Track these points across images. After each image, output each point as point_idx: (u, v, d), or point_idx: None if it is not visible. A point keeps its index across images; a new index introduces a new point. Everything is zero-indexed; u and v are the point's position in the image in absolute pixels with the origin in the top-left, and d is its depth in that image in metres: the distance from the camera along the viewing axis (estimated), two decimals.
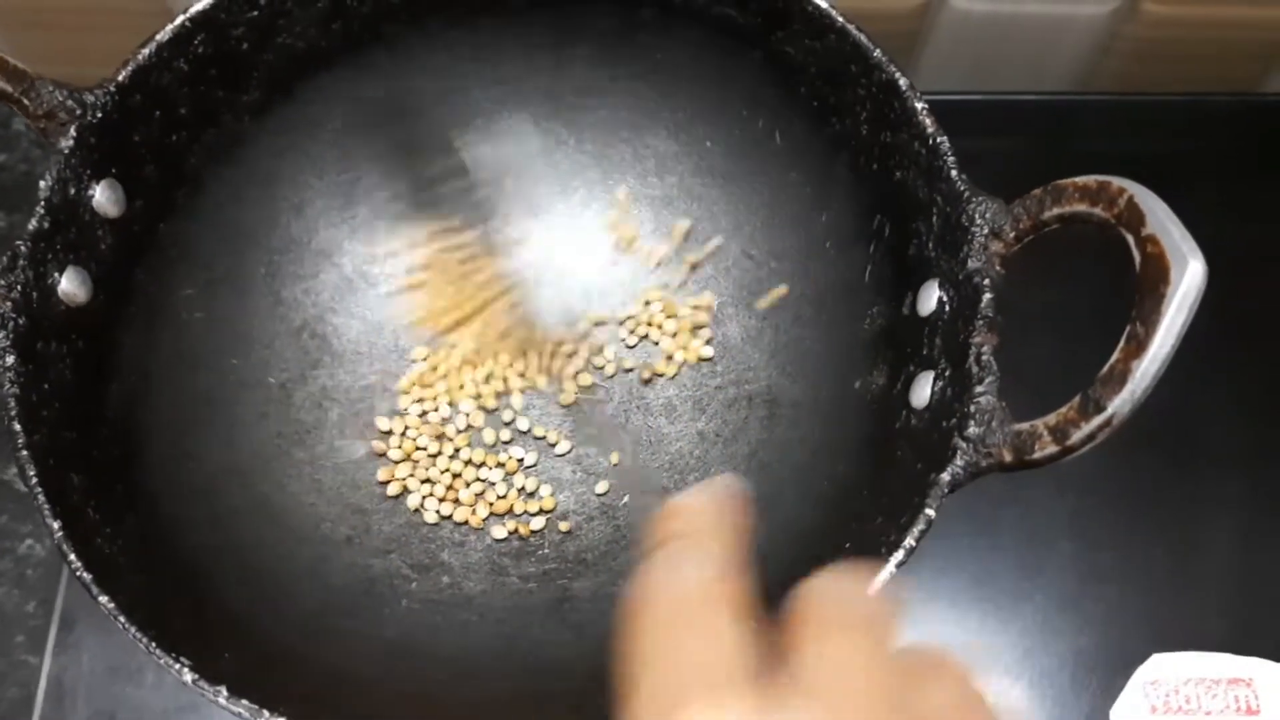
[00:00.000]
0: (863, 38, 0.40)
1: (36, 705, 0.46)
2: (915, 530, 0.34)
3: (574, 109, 0.48)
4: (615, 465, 0.46)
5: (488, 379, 0.47)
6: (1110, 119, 0.59)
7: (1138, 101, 0.59)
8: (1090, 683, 0.46)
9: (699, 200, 0.48)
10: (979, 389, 0.35)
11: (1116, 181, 0.34)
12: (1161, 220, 0.32)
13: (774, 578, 0.39)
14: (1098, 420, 0.32)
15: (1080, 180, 0.35)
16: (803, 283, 0.46)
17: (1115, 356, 0.32)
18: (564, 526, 0.45)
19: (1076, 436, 0.32)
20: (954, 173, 0.38)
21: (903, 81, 0.39)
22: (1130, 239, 0.33)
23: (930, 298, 0.38)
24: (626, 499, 0.45)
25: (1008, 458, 0.34)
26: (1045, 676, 0.47)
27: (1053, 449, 0.33)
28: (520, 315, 0.47)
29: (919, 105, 0.39)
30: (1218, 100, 0.59)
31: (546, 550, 0.44)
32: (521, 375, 0.47)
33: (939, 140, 0.38)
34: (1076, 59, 0.59)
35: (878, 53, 0.40)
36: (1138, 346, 0.31)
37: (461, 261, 0.46)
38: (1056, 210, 0.36)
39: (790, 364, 0.45)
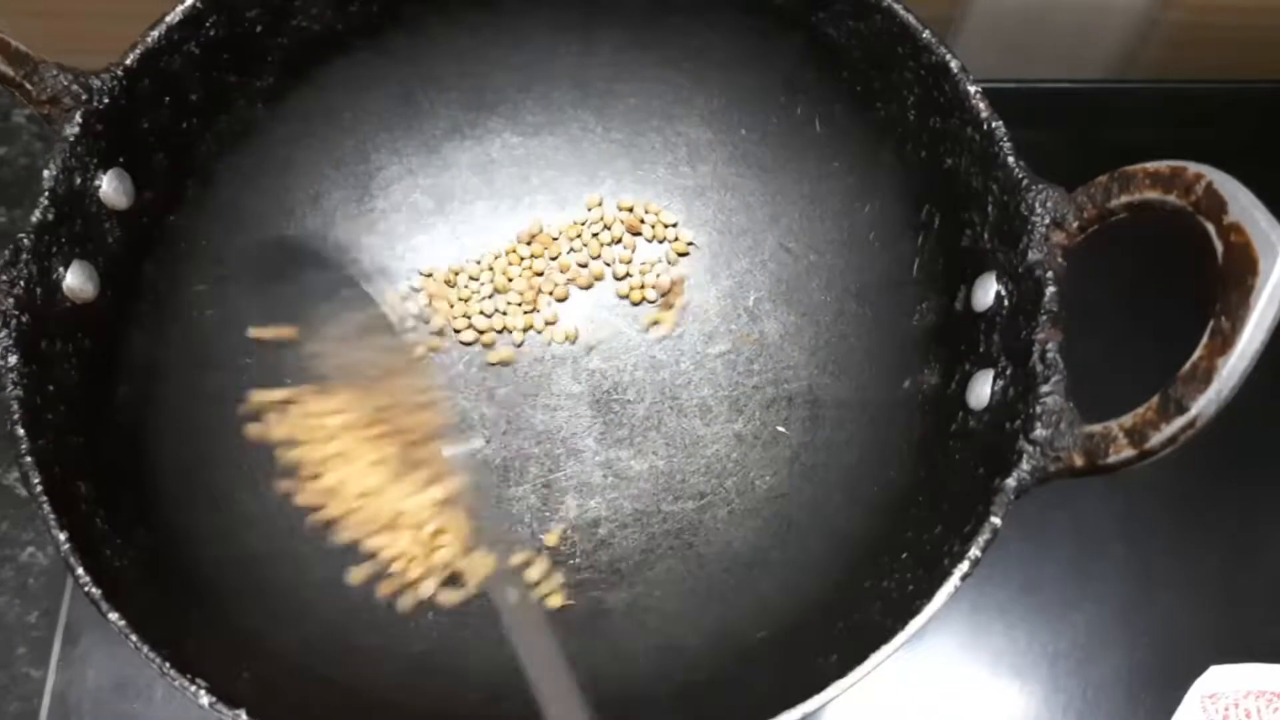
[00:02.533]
0: (911, 18, 0.38)
1: None
2: (980, 540, 0.32)
3: (602, 95, 0.46)
4: (648, 469, 0.44)
5: None
6: (1149, 107, 0.57)
7: (1177, 89, 0.57)
8: (1145, 697, 0.45)
9: (733, 191, 0.47)
10: (1045, 389, 0.33)
11: (1192, 167, 0.32)
12: (1245, 207, 0.30)
13: (826, 586, 0.38)
14: (1180, 422, 0.30)
15: (1151, 166, 0.33)
16: (845, 277, 0.44)
17: (1198, 353, 0.30)
18: (596, 534, 0.43)
19: (1156, 439, 0.30)
20: (1011, 159, 0.36)
21: (954, 64, 0.38)
22: (1210, 228, 0.31)
23: (987, 292, 0.36)
24: (661, 506, 0.43)
25: (1078, 462, 0.32)
26: (1098, 690, 0.45)
27: (1129, 453, 0.31)
28: None
29: (972, 89, 0.37)
30: (1260, 88, 0.57)
31: (578, 560, 0.42)
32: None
33: (994, 125, 0.36)
34: (1114, 45, 0.57)
35: (927, 34, 0.38)
36: (1223, 343, 0.29)
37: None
38: (1125, 198, 0.34)
39: (833, 362, 0.44)
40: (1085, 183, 0.35)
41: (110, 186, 0.37)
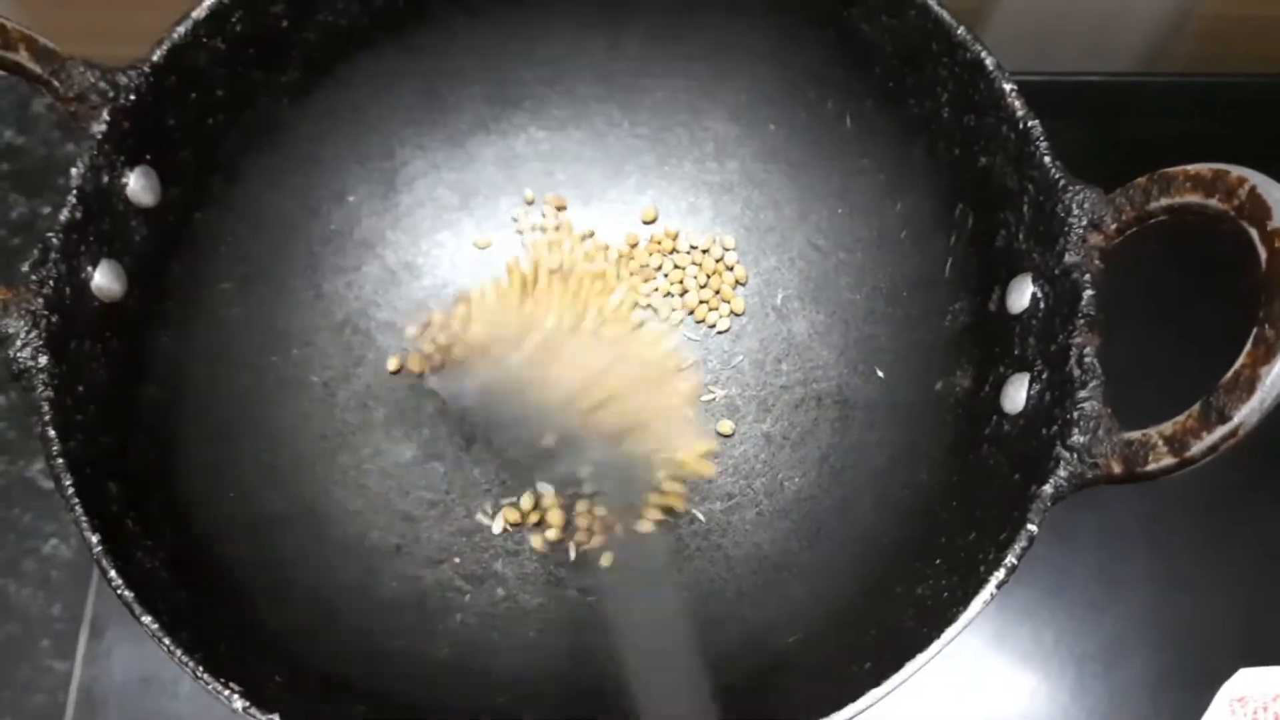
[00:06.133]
0: (945, 14, 0.38)
1: (66, 718, 0.44)
2: (1016, 547, 0.32)
3: (628, 90, 0.46)
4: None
5: None
6: (1178, 101, 0.56)
7: (1207, 83, 0.57)
8: (1173, 700, 0.44)
9: (761, 187, 0.46)
10: (1082, 394, 0.33)
11: (1235, 170, 0.32)
12: None
13: (858, 591, 0.38)
14: (1221, 431, 0.30)
15: (1192, 168, 0.33)
16: (875, 275, 0.43)
17: (1241, 361, 0.30)
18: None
19: (1197, 448, 0.30)
20: (1047, 159, 0.35)
21: (990, 61, 0.37)
22: (1254, 234, 0.30)
23: (1022, 294, 0.36)
24: (689, 506, 0.43)
25: (1116, 469, 0.32)
26: (1125, 692, 0.45)
27: (1169, 461, 0.31)
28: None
29: (1008, 87, 0.37)
30: None
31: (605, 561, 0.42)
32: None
33: (1030, 124, 0.36)
34: (1144, 37, 0.57)
35: (961, 30, 0.38)
36: (1267, 351, 0.29)
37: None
38: (1164, 201, 0.33)
39: (863, 363, 0.43)
40: (1111, 178, 0.35)
41: (137, 184, 0.37)
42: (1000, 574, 0.31)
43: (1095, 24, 0.56)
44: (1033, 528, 0.32)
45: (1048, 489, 0.32)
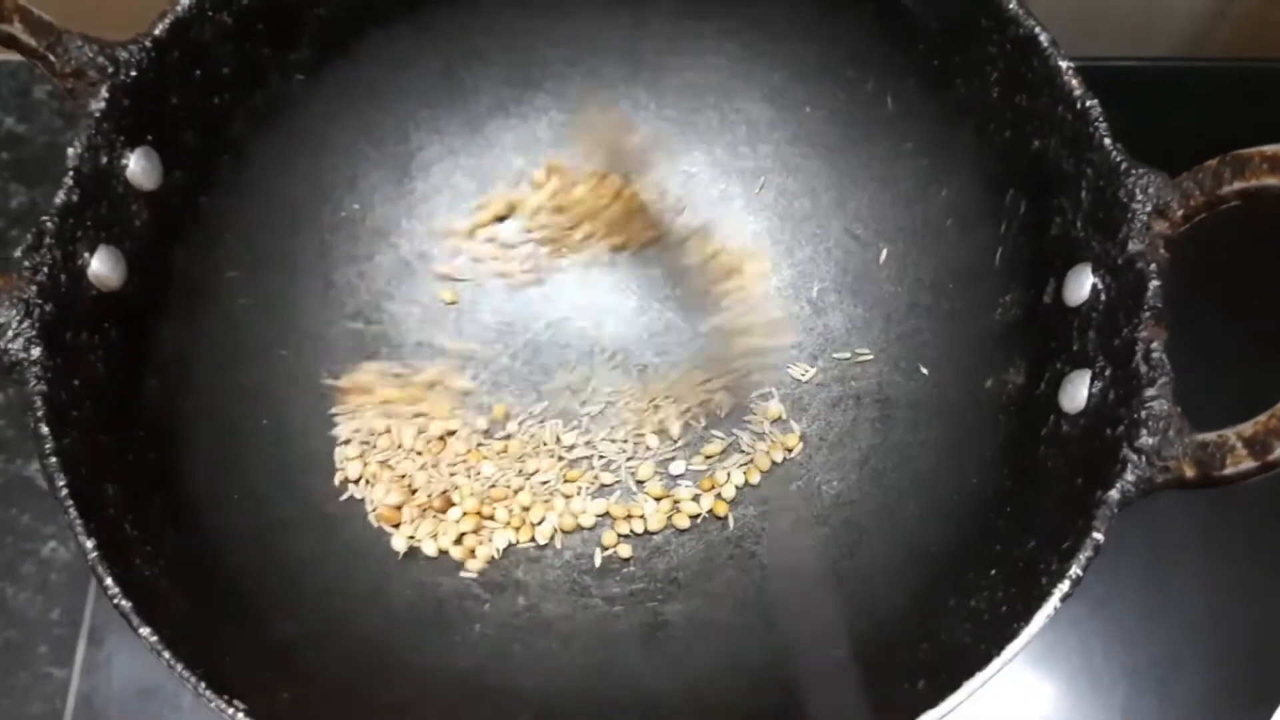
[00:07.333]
0: None
1: None
2: (1081, 557, 0.30)
3: (655, 69, 0.44)
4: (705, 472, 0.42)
5: None
6: (1223, 88, 0.55)
7: (1253, 69, 0.55)
8: (1230, 717, 0.43)
9: (796, 173, 0.44)
10: (1150, 392, 0.31)
11: None
12: None
13: (905, 604, 0.36)
14: None
15: (1269, 149, 0.31)
16: (918, 266, 0.42)
17: None
18: (651, 541, 0.41)
19: None
20: (1107, 141, 0.34)
21: (1044, 37, 0.35)
22: None
23: (1081, 285, 0.34)
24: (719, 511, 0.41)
25: (1189, 473, 0.30)
26: (1179, 709, 0.43)
27: (1249, 464, 0.29)
28: None
29: (1063, 64, 0.35)
30: None
31: (633, 568, 0.40)
32: None
33: (1089, 104, 0.34)
34: (1187, 21, 0.55)
35: (1013, 4, 0.36)
36: None
37: None
38: (1238, 185, 0.32)
39: (905, 359, 0.41)
40: (1157, 164, 0.33)
41: (138, 166, 0.35)
42: (1065, 586, 0.29)
43: (1137, 8, 0.54)
44: (1098, 535, 0.30)
45: (1114, 494, 0.30)
